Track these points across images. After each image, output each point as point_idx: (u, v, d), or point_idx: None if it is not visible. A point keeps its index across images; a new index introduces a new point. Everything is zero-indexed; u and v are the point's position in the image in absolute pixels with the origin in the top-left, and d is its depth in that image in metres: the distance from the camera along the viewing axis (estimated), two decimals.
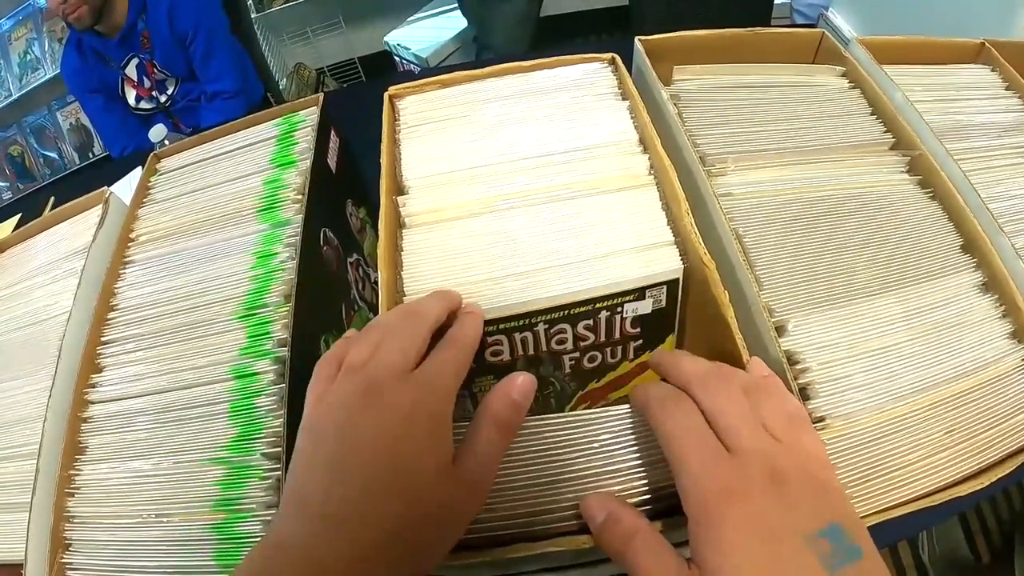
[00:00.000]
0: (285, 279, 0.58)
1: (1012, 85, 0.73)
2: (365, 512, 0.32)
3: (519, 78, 0.64)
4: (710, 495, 0.32)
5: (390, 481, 0.33)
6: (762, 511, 0.31)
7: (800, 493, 0.32)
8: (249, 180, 0.68)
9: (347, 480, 0.33)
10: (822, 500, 0.32)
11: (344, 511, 0.32)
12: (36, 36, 2.35)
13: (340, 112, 0.77)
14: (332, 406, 0.36)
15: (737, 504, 0.31)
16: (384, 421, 0.34)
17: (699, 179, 0.55)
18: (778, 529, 0.30)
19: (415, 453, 0.34)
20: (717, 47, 0.69)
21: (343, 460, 0.33)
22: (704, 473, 0.33)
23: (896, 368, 0.49)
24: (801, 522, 0.31)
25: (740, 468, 0.32)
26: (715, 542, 0.31)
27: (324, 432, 0.35)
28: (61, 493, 0.52)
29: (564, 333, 0.49)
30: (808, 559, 0.29)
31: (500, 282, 0.48)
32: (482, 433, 0.36)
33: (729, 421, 0.35)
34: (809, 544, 0.30)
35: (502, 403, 0.37)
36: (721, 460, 0.33)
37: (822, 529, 0.30)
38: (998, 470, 0.45)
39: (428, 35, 2.52)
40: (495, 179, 0.55)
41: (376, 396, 0.35)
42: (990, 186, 0.61)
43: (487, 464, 0.36)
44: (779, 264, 0.52)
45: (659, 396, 0.37)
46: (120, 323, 0.60)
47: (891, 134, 0.63)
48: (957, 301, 0.53)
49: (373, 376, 0.36)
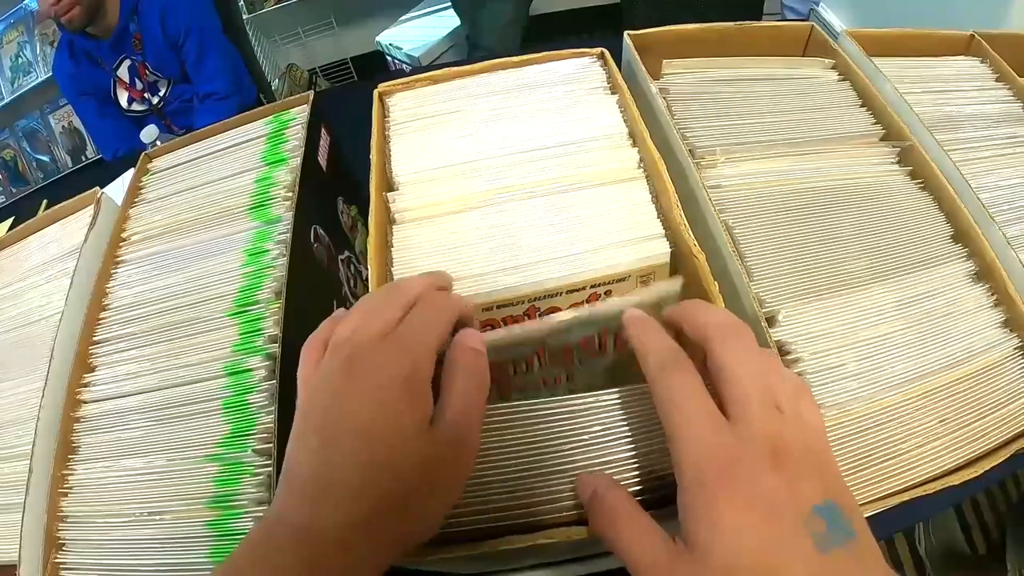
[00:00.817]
0: (276, 276, 0.58)
1: (1002, 76, 0.73)
2: (353, 481, 0.32)
3: (509, 74, 0.64)
4: (707, 468, 0.30)
5: (373, 447, 0.33)
6: (760, 488, 0.30)
7: (800, 470, 0.31)
8: (240, 178, 0.68)
9: (333, 451, 0.33)
10: (820, 477, 0.31)
11: (333, 482, 0.32)
12: (28, 39, 2.34)
13: (332, 111, 0.77)
14: (319, 381, 0.36)
15: (735, 480, 0.30)
16: (363, 388, 0.34)
17: (689, 172, 0.56)
18: (775, 507, 0.29)
19: (394, 416, 0.34)
20: (706, 41, 0.69)
21: (328, 432, 0.34)
22: (703, 445, 0.31)
23: (888, 357, 0.49)
24: (798, 501, 0.30)
25: (742, 442, 0.31)
26: (708, 519, 0.30)
27: (311, 409, 0.35)
28: (54, 493, 0.52)
29: None
30: (803, 540, 0.28)
31: (493, 276, 0.48)
32: (454, 386, 0.36)
33: (739, 387, 0.33)
34: (805, 523, 0.29)
35: (464, 355, 0.37)
36: (723, 432, 0.31)
37: (817, 506, 0.29)
38: (992, 459, 0.46)
39: (420, 34, 2.52)
40: (485, 174, 0.55)
41: (356, 366, 0.35)
42: (980, 176, 0.61)
43: (467, 419, 0.36)
44: (769, 255, 0.53)
45: (660, 358, 0.35)
46: (112, 322, 0.60)
47: (881, 125, 0.63)
48: (949, 290, 0.53)
49: (354, 347, 0.36)
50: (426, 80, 0.64)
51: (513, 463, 0.38)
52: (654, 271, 0.49)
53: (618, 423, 0.39)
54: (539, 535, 0.37)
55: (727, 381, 0.33)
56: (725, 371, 0.33)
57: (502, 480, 0.38)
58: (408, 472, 0.33)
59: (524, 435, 0.39)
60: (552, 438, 0.39)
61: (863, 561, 0.29)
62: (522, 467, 0.38)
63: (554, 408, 0.40)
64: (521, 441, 0.39)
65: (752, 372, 0.33)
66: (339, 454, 0.33)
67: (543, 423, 0.39)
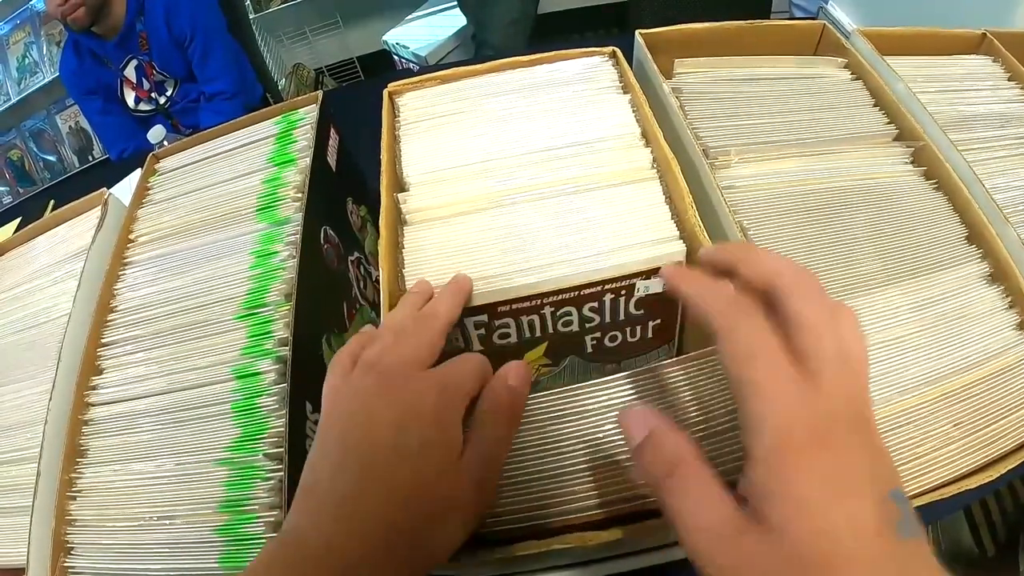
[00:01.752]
0: (285, 278, 0.57)
1: (1014, 75, 0.73)
2: (377, 506, 0.32)
3: (519, 73, 0.64)
4: (789, 436, 0.27)
5: (397, 476, 0.33)
6: (843, 463, 0.27)
7: (877, 445, 0.28)
8: (248, 179, 0.68)
9: (359, 473, 0.33)
10: (888, 456, 0.28)
11: (356, 504, 0.32)
12: (34, 40, 2.35)
13: (339, 110, 0.77)
14: (345, 399, 0.36)
15: (819, 451, 0.27)
16: (392, 415, 0.34)
17: (702, 172, 0.55)
18: (856, 485, 0.26)
19: (422, 445, 0.33)
20: (717, 40, 0.69)
21: (352, 455, 0.34)
22: (783, 409, 0.27)
23: (903, 360, 0.49)
24: (880, 481, 0.27)
25: (826, 408, 0.27)
26: (785, 494, 0.26)
27: (336, 427, 0.35)
28: (63, 496, 0.52)
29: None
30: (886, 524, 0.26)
31: (505, 278, 0.48)
32: (485, 423, 0.36)
33: (820, 341, 0.29)
34: (883, 506, 0.26)
35: (501, 392, 0.37)
36: (806, 395, 0.28)
37: (893, 491, 0.27)
38: (1007, 462, 0.45)
39: (426, 34, 2.52)
40: (496, 174, 0.55)
41: (388, 389, 0.35)
42: (994, 176, 0.61)
43: (493, 457, 0.36)
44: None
45: (725, 300, 0.31)
46: (120, 324, 0.60)
47: (894, 125, 0.62)
48: (963, 292, 0.53)
49: (386, 370, 0.36)
50: (436, 80, 0.63)
51: (524, 467, 0.38)
52: None
53: None
54: (554, 540, 0.37)
55: (805, 334, 0.29)
56: (802, 323, 0.29)
57: (513, 484, 0.38)
58: (432, 503, 0.33)
59: (534, 437, 0.39)
60: (564, 440, 0.39)
61: (927, 552, 0.26)
62: (533, 470, 0.38)
63: (565, 411, 0.39)
64: (532, 444, 0.39)
65: (830, 326, 0.30)
66: (364, 477, 0.33)
67: (552, 427, 0.39)
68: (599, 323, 0.51)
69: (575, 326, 0.51)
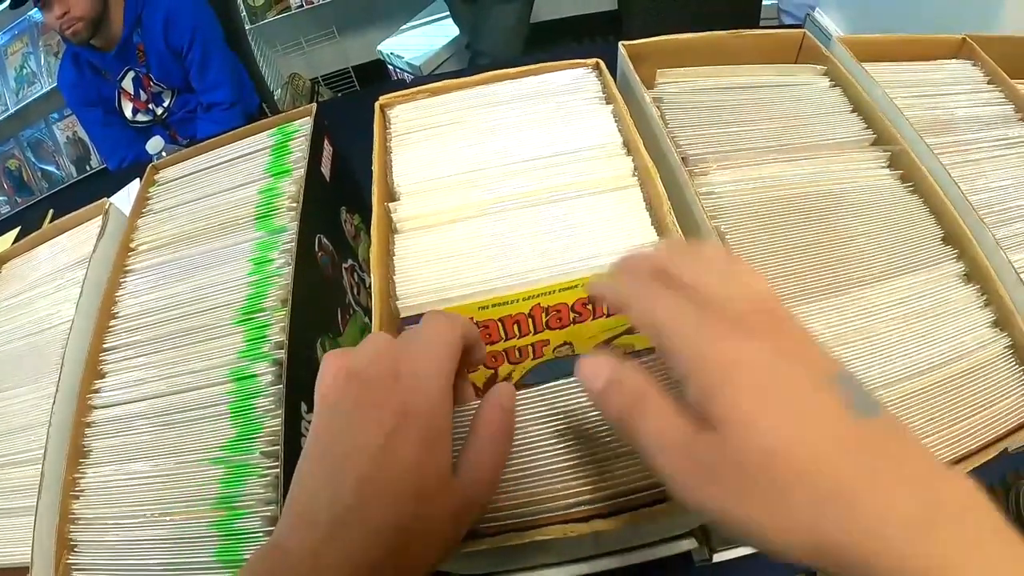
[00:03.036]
0: (282, 284, 0.59)
1: (993, 79, 0.73)
2: (356, 523, 0.32)
3: (507, 85, 0.65)
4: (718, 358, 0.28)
5: (386, 488, 0.32)
6: (776, 362, 0.28)
7: (807, 343, 0.29)
8: (245, 189, 0.69)
9: (343, 486, 0.32)
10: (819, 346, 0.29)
11: (337, 521, 0.32)
12: (32, 50, 2.36)
13: (334, 121, 0.78)
14: (331, 411, 0.35)
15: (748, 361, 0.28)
16: (378, 430, 0.33)
17: (681, 179, 0.57)
18: (795, 379, 0.27)
19: (412, 461, 0.33)
20: (700, 49, 0.70)
21: (339, 467, 0.33)
22: (705, 342, 0.29)
23: (880, 358, 0.50)
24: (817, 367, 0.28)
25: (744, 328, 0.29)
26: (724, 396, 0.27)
27: (323, 437, 0.35)
28: (66, 496, 0.53)
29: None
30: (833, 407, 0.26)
31: (492, 283, 0.49)
32: (478, 446, 0.36)
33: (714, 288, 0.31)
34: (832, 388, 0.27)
35: (494, 415, 0.37)
36: (724, 328, 0.29)
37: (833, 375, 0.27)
38: (981, 456, 0.46)
39: (421, 43, 2.54)
40: (484, 184, 0.56)
41: (371, 403, 0.34)
42: (972, 179, 0.62)
43: (486, 475, 0.36)
44: (762, 260, 0.54)
45: (634, 287, 0.33)
46: (121, 330, 0.61)
47: (871, 131, 0.64)
48: (939, 291, 0.54)
49: (369, 382, 0.35)
50: (426, 92, 0.65)
51: (512, 461, 0.39)
52: None
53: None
54: (535, 532, 0.38)
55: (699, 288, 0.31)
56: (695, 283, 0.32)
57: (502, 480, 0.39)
58: (422, 522, 0.33)
59: (522, 435, 0.40)
60: (548, 435, 0.40)
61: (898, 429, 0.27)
62: (518, 468, 0.39)
63: (550, 411, 0.41)
64: (521, 441, 0.40)
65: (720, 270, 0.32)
66: (349, 492, 0.32)
67: (535, 426, 0.40)
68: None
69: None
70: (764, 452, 0.26)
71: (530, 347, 0.54)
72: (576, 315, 0.52)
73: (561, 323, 0.52)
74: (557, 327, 0.53)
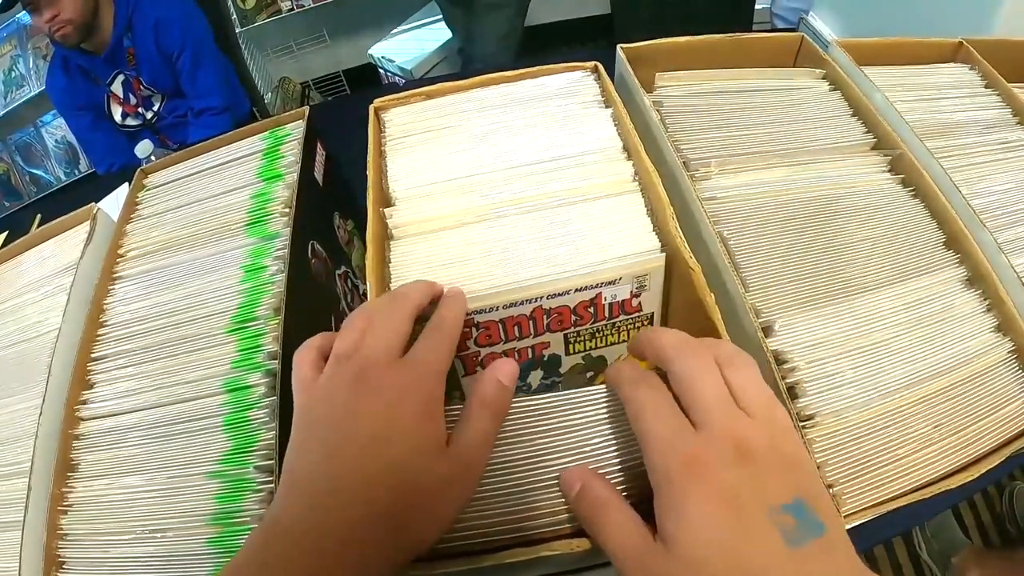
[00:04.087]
0: (275, 292, 0.58)
1: (991, 83, 0.74)
2: (361, 496, 0.33)
3: (504, 88, 0.64)
4: (674, 467, 0.32)
5: (382, 463, 0.34)
6: (725, 484, 0.31)
7: (766, 467, 0.32)
8: (237, 194, 0.68)
9: (342, 465, 0.34)
10: (788, 475, 0.32)
11: (340, 495, 0.33)
12: (21, 53, 2.34)
13: (326, 125, 0.77)
14: (324, 392, 0.37)
15: (700, 477, 0.31)
16: (375, 405, 0.35)
17: (683, 184, 0.56)
18: (741, 502, 0.30)
19: (406, 435, 0.35)
20: (698, 53, 0.70)
21: (336, 445, 0.34)
22: (669, 446, 0.33)
23: (883, 364, 0.50)
24: (765, 496, 0.31)
25: (706, 442, 0.33)
26: (677, 514, 0.31)
27: (316, 419, 0.36)
28: (54, 511, 0.52)
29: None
30: (770, 533, 0.30)
31: (490, 289, 0.48)
32: (473, 416, 0.37)
33: (699, 392, 0.34)
34: (772, 518, 0.30)
35: (490, 387, 0.38)
36: (688, 434, 0.33)
37: (786, 504, 0.31)
38: (987, 462, 0.46)
39: (412, 47, 2.53)
40: (481, 189, 0.55)
41: (366, 381, 0.36)
42: (972, 182, 0.62)
43: (479, 446, 0.37)
44: (764, 265, 0.53)
45: (630, 376, 0.37)
46: (110, 339, 0.60)
47: (872, 134, 0.64)
48: (942, 297, 0.54)
49: (363, 362, 0.37)
50: (421, 95, 0.64)
51: (511, 477, 0.39)
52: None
53: (617, 437, 0.39)
54: (542, 547, 0.37)
55: (687, 391, 0.35)
56: (684, 382, 0.35)
57: (504, 494, 0.38)
58: (416, 492, 0.34)
59: (524, 449, 0.39)
60: (551, 451, 0.39)
61: (834, 554, 0.30)
62: (520, 481, 0.39)
63: (551, 425, 0.40)
64: (521, 455, 0.39)
65: (709, 376, 0.35)
66: (348, 469, 0.34)
67: (542, 437, 0.40)
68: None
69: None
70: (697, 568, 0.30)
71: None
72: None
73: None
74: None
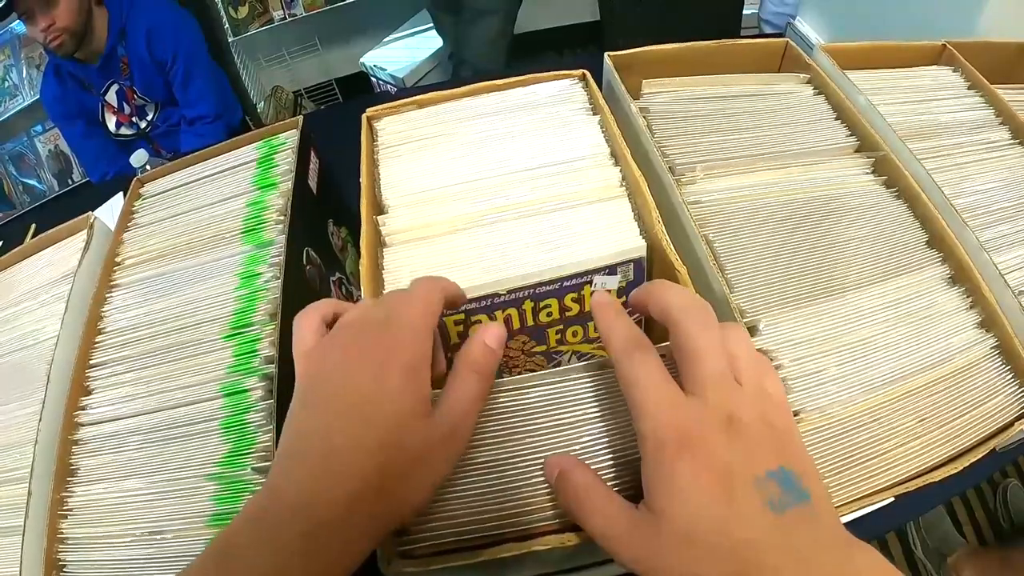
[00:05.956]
0: (270, 298, 0.59)
1: (974, 84, 0.75)
2: (353, 459, 0.34)
3: (494, 96, 0.66)
4: (665, 439, 0.32)
5: (374, 426, 0.34)
6: (714, 455, 0.31)
7: (754, 439, 0.32)
8: (232, 202, 0.69)
9: (334, 428, 0.34)
10: (775, 445, 0.33)
11: (333, 459, 0.34)
12: (14, 62, 2.33)
13: (319, 133, 0.78)
14: (319, 358, 0.38)
15: (690, 447, 0.32)
16: (364, 368, 0.36)
17: (669, 188, 0.57)
18: (731, 476, 0.31)
19: (393, 396, 0.35)
20: (685, 59, 0.71)
21: (328, 408, 0.35)
22: (661, 418, 0.33)
23: (868, 361, 0.51)
24: (752, 466, 0.31)
25: (698, 413, 0.33)
26: (665, 485, 0.31)
27: (311, 384, 0.37)
28: (54, 515, 0.53)
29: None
30: (756, 502, 0.30)
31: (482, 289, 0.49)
32: (459, 378, 0.38)
33: (698, 365, 0.34)
34: (758, 486, 0.30)
35: (477, 350, 0.39)
36: (679, 406, 0.33)
37: (771, 471, 0.31)
38: (971, 455, 0.47)
39: (404, 55, 2.54)
40: (472, 196, 0.56)
41: (357, 345, 0.37)
42: (955, 182, 0.63)
43: (466, 408, 0.38)
44: (749, 267, 0.54)
45: (623, 342, 0.37)
46: (108, 346, 0.61)
47: (855, 137, 0.65)
48: (926, 294, 0.55)
49: (364, 326, 0.38)
50: (413, 104, 0.65)
51: (501, 473, 0.39)
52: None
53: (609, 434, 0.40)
54: (535, 542, 0.38)
55: (687, 360, 0.35)
56: (685, 350, 0.35)
57: (496, 489, 0.39)
58: (406, 453, 0.35)
59: (516, 445, 0.40)
60: (544, 445, 0.40)
61: (818, 522, 0.31)
62: (512, 477, 0.39)
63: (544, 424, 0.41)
64: (512, 454, 0.40)
65: (712, 350, 0.34)
66: (339, 432, 0.34)
67: (530, 439, 0.40)
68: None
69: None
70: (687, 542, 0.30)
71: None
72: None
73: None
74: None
